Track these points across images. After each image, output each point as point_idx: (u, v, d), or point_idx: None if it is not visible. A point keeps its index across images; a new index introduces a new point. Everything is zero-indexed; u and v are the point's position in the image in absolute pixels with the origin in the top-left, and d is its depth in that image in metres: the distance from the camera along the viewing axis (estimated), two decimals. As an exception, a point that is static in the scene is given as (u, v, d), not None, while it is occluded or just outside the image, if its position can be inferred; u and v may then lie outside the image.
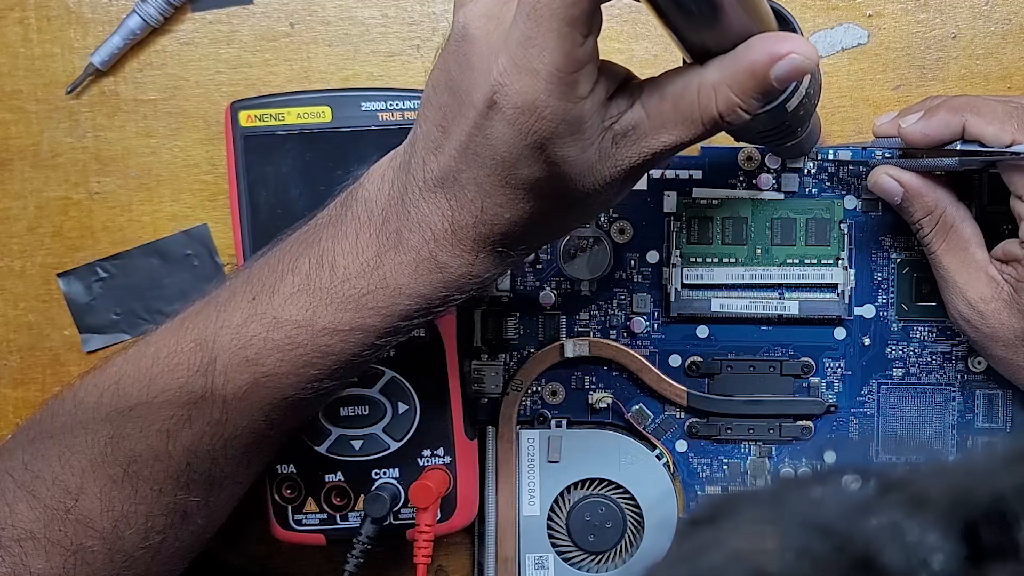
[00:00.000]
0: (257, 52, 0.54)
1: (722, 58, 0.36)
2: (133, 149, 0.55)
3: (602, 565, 0.54)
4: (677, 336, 0.54)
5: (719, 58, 0.36)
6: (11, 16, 0.54)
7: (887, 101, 0.53)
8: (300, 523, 0.52)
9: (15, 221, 0.55)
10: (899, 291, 0.53)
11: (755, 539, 0.19)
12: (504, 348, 0.54)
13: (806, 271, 0.53)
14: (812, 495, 0.21)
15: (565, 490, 0.54)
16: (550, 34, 0.33)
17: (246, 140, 0.50)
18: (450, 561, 0.56)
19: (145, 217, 0.55)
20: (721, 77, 0.36)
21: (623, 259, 0.54)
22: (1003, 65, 0.53)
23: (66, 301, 0.55)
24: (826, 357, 0.54)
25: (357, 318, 0.40)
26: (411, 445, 0.51)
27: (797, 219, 0.53)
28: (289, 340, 0.40)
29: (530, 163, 0.36)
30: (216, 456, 0.42)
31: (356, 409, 0.51)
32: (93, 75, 0.54)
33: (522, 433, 0.54)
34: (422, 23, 0.54)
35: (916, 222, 0.49)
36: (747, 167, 0.53)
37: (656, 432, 0.54)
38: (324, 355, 0.40)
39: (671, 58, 0.53)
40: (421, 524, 0.49)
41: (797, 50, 0.35)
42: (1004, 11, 0.53)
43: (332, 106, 0.49)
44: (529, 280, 0.54)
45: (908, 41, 0.53)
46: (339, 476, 0.51)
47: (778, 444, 0.54)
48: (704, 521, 0.22)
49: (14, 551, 0.41)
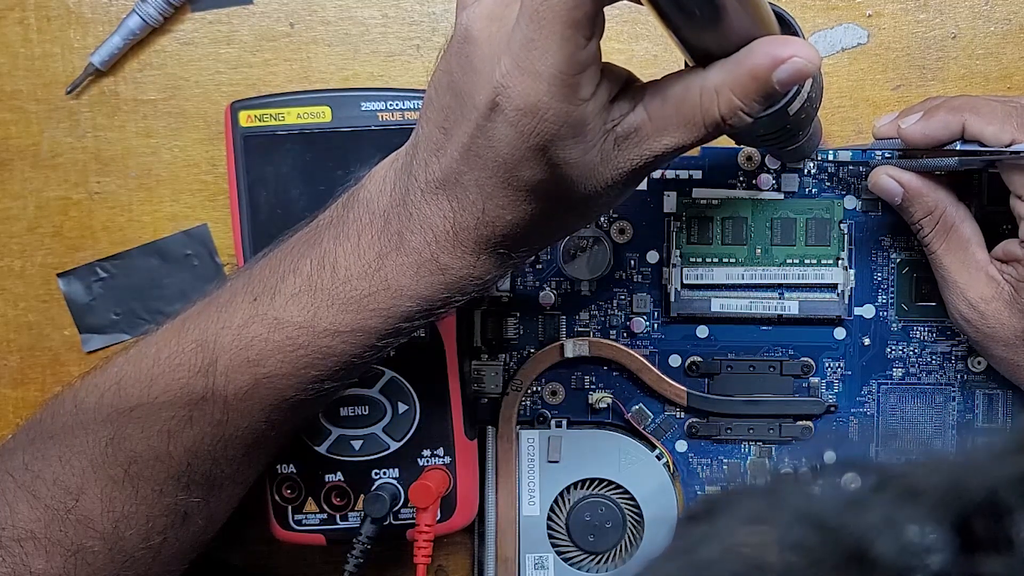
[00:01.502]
0: (257, 52, 0.54)
1: (724, 61, 0.36)
2: (133, 149, 0.55)
3: (602, 565, 0.54)
4: (677, 336, 0.54)
5: (721, 61, 0.36)
6: (11, 16, 0.54)
7: (887, 101, 0.53)
8: (300, 523, 0.52)
9: (15, 221, 0.55)
10: (899, 291, 0.53)
11: (750, 533, 0.20)
12: (504, 348, 0.54)
13: (806, 271, 0.53)
14: (807, 490, 0.21)
15: (565, 490, 0.54)
16: (553, 36, 0.33)
17: (246, 140, 0.50)
18: (450, 561, 0.56)
19: (145, 217, 0.55)
20: (723, 80, 0.36)
21: (623, 259, 0.54)
22: (1003, 65, 0.53)
23: (66, 301, 0.55)
24: (826, 357, 0.54)
25: (358, 319, 0.40)
26: (411, 445, 0.51)
27: (797, 219, 0.53)
28: (290, 341, 0.40)
29: (532, 165, 0.36)
30: (217, 457, 0.42)
31: (356, 409, 0.51)
32: (93, 75, 0.54)
33: (522, 433, 0.54)
34: (422, 23, 0.54)
35: (916, 222, 0.49)
36: (747, 167, 0.53)
37: (656, 432, 0.54)
38: (325, 356, 0.40)
39: (672, 58, 0.53)
40: (421, 524, 0.49)
41: (799, 53, 0.35)
42: (1004, 11, 0.53)
43: (332, 106, 0.49)
44: (529, 280, 0.54)
45: (908, 41, 0.53)
46: (339, 476, 0.51)
47: (778, 444, 0.54)
48: (700, 516, 0.22)
49: (14, 551, 0.41)
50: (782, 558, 0.18)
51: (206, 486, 0.43)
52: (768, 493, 0.21)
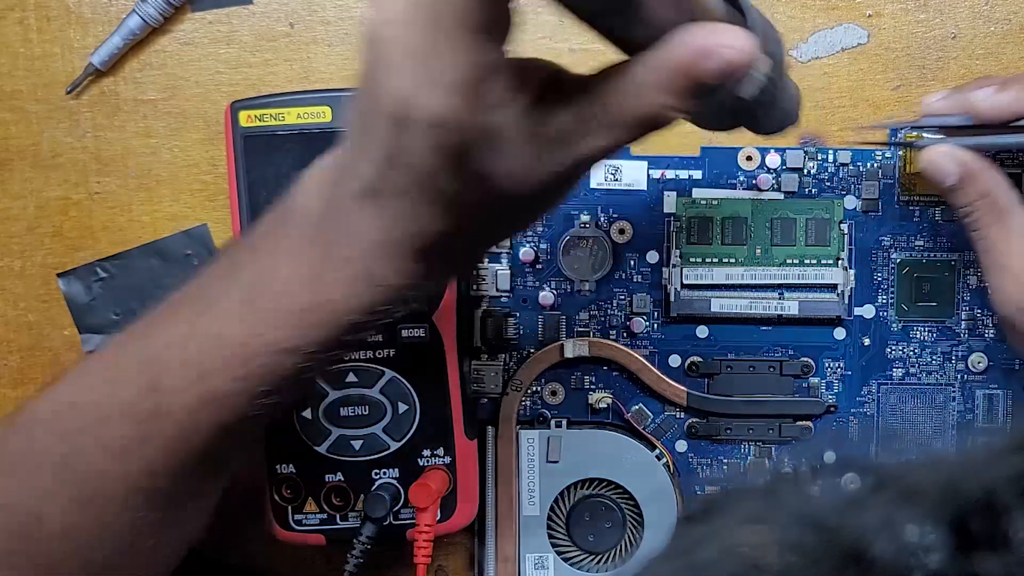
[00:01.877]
0: (257, 52, 0.54)
1: (647, 54, 0.32)
2: (133, 149, 0.55)
3: (602, 565, 0.54)
4: (677, 336, 0.54)
5: (644, 54, 0.32)
6: (11, 16, 0.54)
7: (887, 101, 0.53)
8: (300, 523, 0.52)
9: (15, 221, 0.55)
10: (899, 291, 0.53)
11: (748, 534, 0.19)
12: (504, 348, 0.54)
13: (806, 271, 0.53)
14: (805, 490, 0.21)
15: (565, 490, 0.54)
16: (453, 43, 0.31)
17: (246, 140, 0.50)
18: (450, 561, 0.56)
19: (145, 217, 0.55)
20: (646, 76, 0.32)
21: (623, 259, 0.54)
22: (1003, 65, 0.53)
23: (66, 301, 0.55)
24: (826, 357, 0.54)
25: (299, 334, 0.38)
26: (411, 445, 0.51)
27: (797, 219, 0.53)
28: (234, 358, 0.38)
29: (451, 176, 0.33)
30: (176, 472, 0.41)
31: (356, 409, 0.51)
32: (93, 75, 0.54)
33: (522, 433, 0.54)
34: (422, 23, 0.54)
35: (969, 203, 0.47)
36: (747, 167, 0.53)
37: (656, 432, 0.54)
38: (270, 372, 0.38)
39: (671, 58, 0.53)
40: (421, 524, 0.49)
41: (728, 43, 0.31)
42: (1004, 11, 0.53)
43: (332, 106, 0.49)
44: (529, 280, 0.54)
45: (908, 41, 0.53)
46: (339, 476, 0.51)
47: (778, 444, 0.54)
48: (698, 516, 0.22)
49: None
50: (781, 558, 0.18)
51: (170, 502, 0.42)
52: (767, 493, 0.21)
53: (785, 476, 0.22)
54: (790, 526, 0.19)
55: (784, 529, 0.19)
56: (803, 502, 0.20)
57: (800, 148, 0.53)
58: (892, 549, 0.17)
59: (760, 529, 0.19)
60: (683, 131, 0.53)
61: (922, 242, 0.53)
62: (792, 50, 0.53)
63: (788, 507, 0.20)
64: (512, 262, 0.54)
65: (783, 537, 0.19)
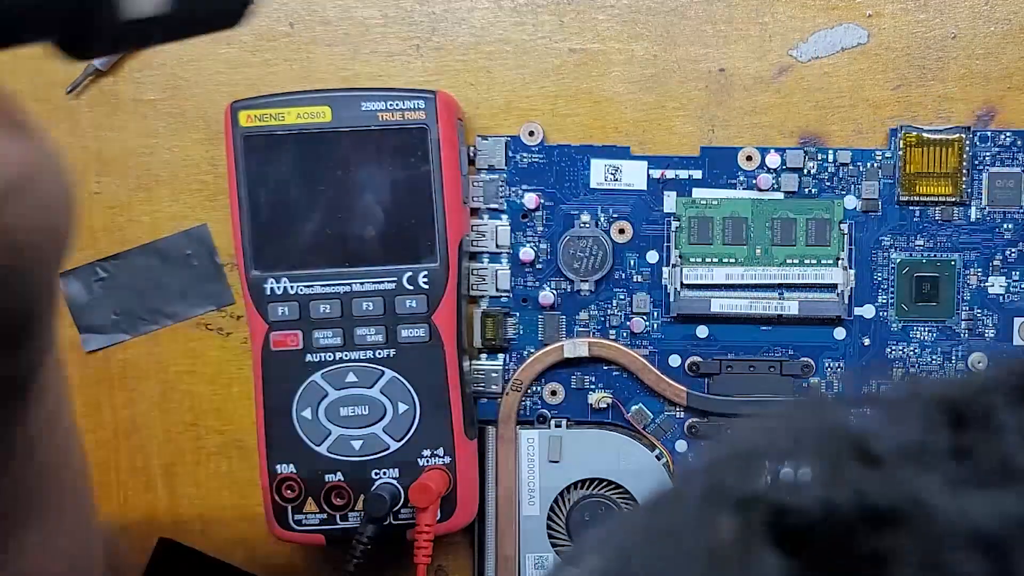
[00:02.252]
0: (257, 52, 0.54)
1: None
2: (133, 149, 0.55)
3: (602, 565, 0.54)
4: (677, 336, 0.54)
5: None
6: (11, 16, 0.54)
7: (887, 101, 0.53)
8: (300, 523, 0.52)
9: (15, 221, 0.55)
10: (899, 291, 0.53)
11: (758, 432, 0.21)
12: (504, 348, 0.54)
13: (806, 271, 0.53)
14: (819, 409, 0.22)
15: (565, 490, 0.54)
16: None
17: (246, 140, 0.50)
18: (450, 561, 0.56)
19: (145, 217, 0.55)
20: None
21: (623, 259, 0.54)
22: (1003, 65, 0.53)
23: (66, 301, 0.55)
24: (826, 357, 0.54)
25: None
26: (411, 445, 0.51)
27: (797, 219, 0.53)
28: None
29: None
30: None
31: (356, 409, 0.51)
32: (93, 75, 0.54)
33: (522, 433, 0.54)
34: (422, 23, 0.54)
35: None
36: (747, 167, 0.53)
37: (656, 432, 0.54)
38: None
39: (672, 58, 0.53)
40: (421, 524, 0.49)
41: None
42: (1004, 11, 0.53)
43: (332, 106, 0.49)
44: (529, 280, 0.54)
45: (908, 41, 0.53)
46: (339, 476, 0.51)
47: (778, 444, 0.54)
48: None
49: None
50: (781, 441, 0.20)
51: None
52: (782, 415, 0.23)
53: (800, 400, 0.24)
54: (798, 425, 0.20)
55: (791, 426, 0.21)
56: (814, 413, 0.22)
57: (800, 148, 0.53)
58: (891, 443, 0.18)
59: (770, 426, 0.21)
60: (683, 131, 0.54)
61: (922, 242, 0.53)
62: (792, 50, 0.53)
63: (798, 418, 0.21)
64: (512, 262, 0.54)
65: (789, 428, 0.20)
